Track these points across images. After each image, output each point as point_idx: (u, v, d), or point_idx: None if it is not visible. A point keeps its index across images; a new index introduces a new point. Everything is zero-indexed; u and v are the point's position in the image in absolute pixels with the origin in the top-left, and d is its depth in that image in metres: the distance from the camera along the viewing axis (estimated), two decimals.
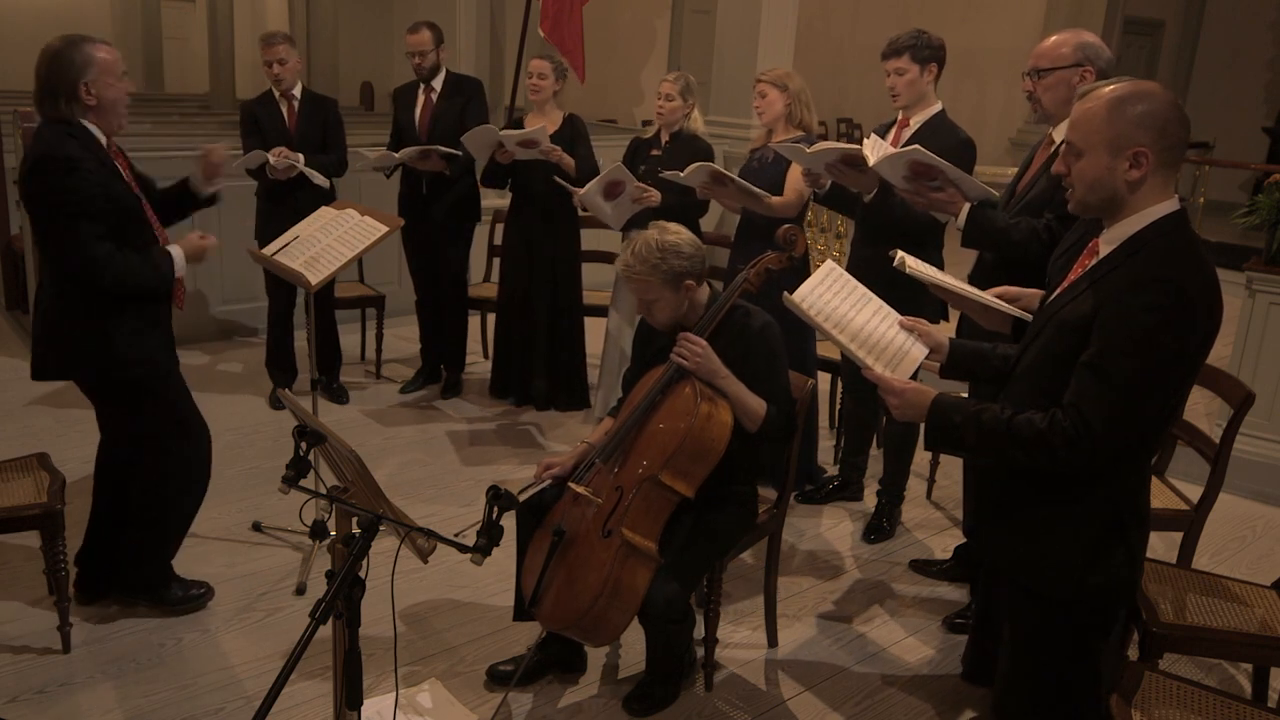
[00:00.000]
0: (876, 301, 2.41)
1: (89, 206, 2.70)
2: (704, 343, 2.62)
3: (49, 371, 2.89)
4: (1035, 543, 2.00)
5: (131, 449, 3.00)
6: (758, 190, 3.76)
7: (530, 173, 4.64)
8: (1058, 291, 2.04)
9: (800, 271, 3.97)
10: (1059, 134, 2.91)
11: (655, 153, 4.43)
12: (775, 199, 3.80)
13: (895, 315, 2.38)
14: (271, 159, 4.42)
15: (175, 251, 2.93)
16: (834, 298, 2.35)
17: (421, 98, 4.85)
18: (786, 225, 2.85)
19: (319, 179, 4.55)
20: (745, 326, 2.73)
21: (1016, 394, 2.04)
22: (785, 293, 2.34)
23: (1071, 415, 1.84)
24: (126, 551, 3.05)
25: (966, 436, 1.99)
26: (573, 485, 2.65)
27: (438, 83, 4.83)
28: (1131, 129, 1.82)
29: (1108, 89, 1.86)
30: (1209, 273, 1.84)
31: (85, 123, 2.76)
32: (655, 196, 4.19)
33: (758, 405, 2.66)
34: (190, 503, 3.11)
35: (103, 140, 2.80)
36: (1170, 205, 1.87)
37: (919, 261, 2.51)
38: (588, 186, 4.17)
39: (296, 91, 4.69)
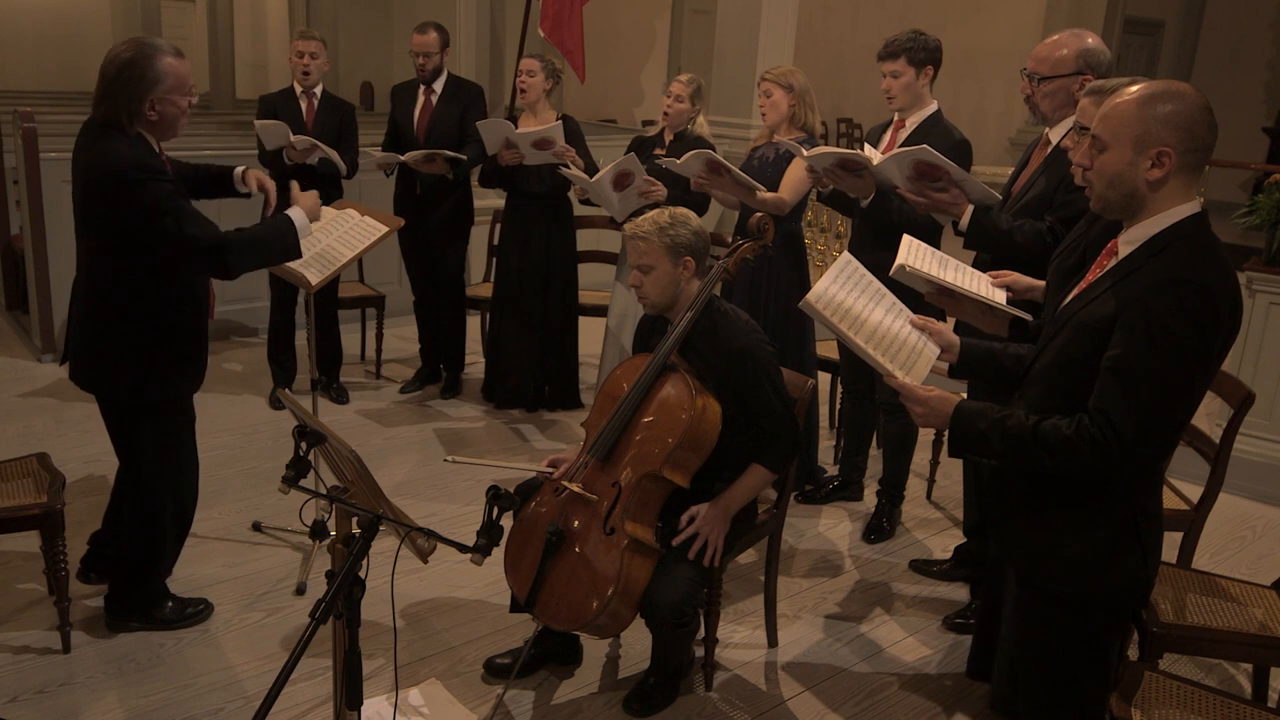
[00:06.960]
0: (890, 297, 2.38)
1: (182, 203, 2.67)
2: (699, 514, 2.63)
3: (81, 381, 2.86)
4: (1051, 542, 1.99)
5: (134, 465, 2.95)
6: (753, 182, 3.75)
7: (527, 172, 4.63)
8: (1076, 292, 2.02)
9: (801, 271, 3.99)
10: (1056, 135, 2.92)
11: (659, 152, 4.43)
12: (767, 194, 3.79)
13: (908, 313, 2.36)
14: (293, 138, 4.41)
15: (295, 213, 2.89)
16: (848, 295, 2.31)
17: (421, 99, 4.84)
18: (758, 215, 2.94)
19: (340, 163, 4.56)
20: (728, 338, 2.70)
21: (1033, 396, 2.03)
22: (804, 298, 2.30)
23: (1099, 421, 1.82)
24: (119, 566, 3.02)
25: (992, 443, 1.97)
26: (567, 484, 2.65)
27: (438, 85, 4.82)
28: (1158, 127, 1.81)
29: (1139, 86, 1.86)
30: (1230, 275, 1.84)
31: (142, 131, 2.68)
32: (662, 191, 4.20)
33: (760, 481, 2.71)
34: (180, 522, 3.05)
35: (156, 149, 2.74)
36: (1192, 207, 1.87)
37: (916, 263, 2.49)
38: (599, 174, 4.17)
39: (318, 90, 4.72)
